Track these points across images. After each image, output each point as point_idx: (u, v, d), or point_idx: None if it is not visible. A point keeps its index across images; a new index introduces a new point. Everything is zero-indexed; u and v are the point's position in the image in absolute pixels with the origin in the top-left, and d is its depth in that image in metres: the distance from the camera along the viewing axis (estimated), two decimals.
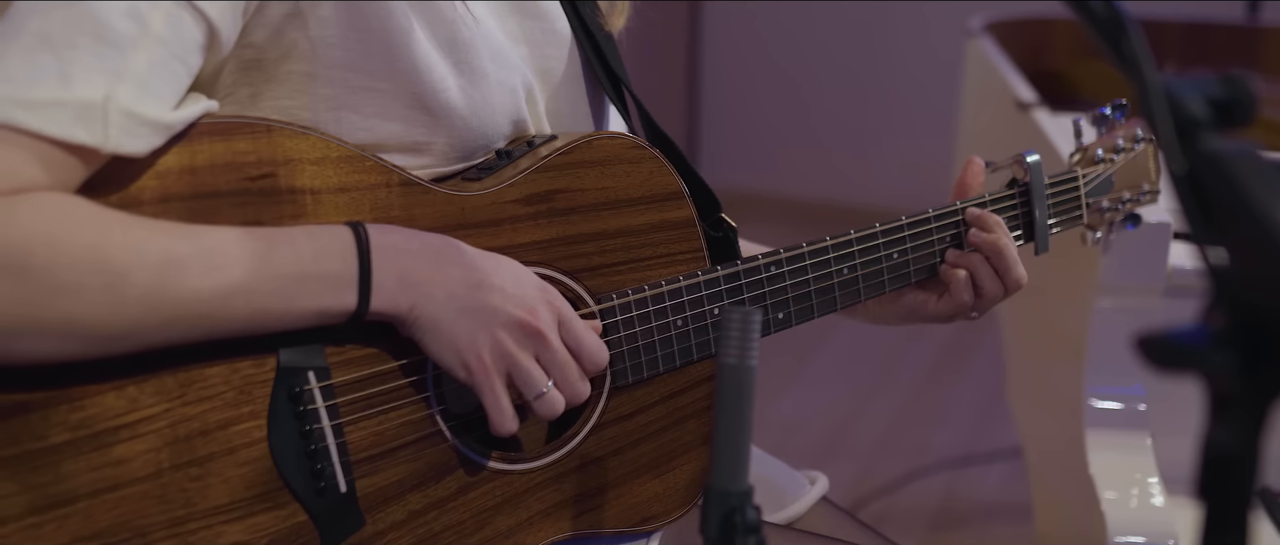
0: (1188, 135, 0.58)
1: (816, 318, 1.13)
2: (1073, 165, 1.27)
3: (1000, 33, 3.03)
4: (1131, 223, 1.30)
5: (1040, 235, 1.21)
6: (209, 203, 0.85)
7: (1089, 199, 1.25)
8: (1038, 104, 2.29)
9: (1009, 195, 1.20)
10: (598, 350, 0.97)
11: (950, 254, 1.17)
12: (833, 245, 1.12)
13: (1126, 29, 0.63)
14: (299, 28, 0.90)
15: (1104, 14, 0.64)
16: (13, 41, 0.78)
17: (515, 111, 1.02)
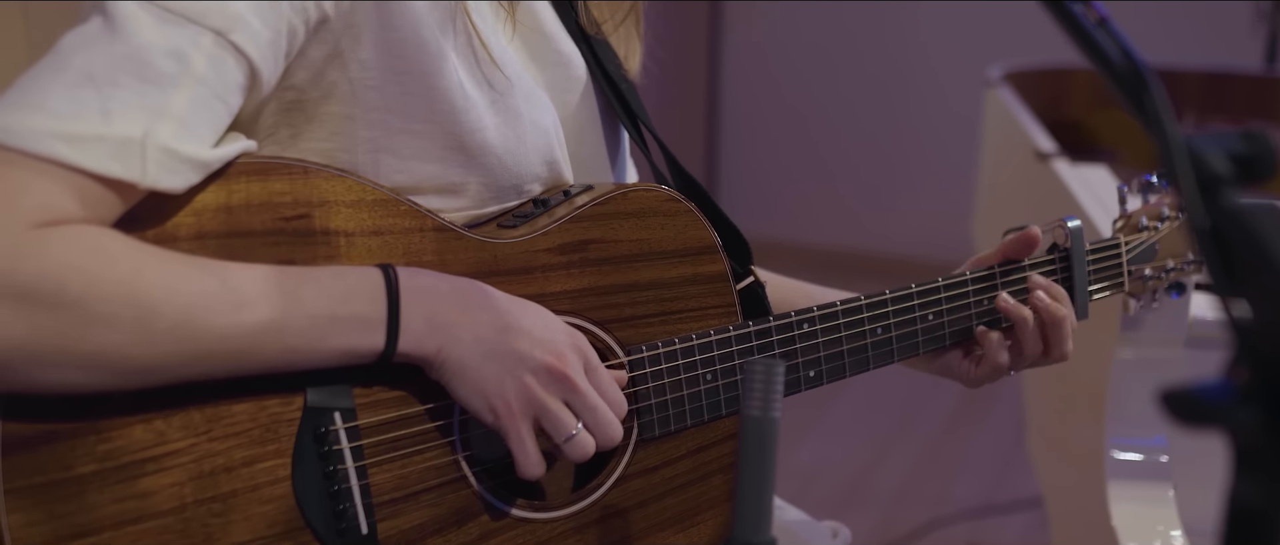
0: (1210, 191, 0.58)
1: (848, 376, 1.12)
2: (1116, 231, 1.27)
3: (1019, 82, 3.04)
4: (1176, 291, 1.30)
5: (1080, 302, 1.21)
6: (243, 241, 0.86)
7: (1131, 267, 1.25)
8: (1057, 154, 2.30)
9: (1049, 260, 1.20)
10: (619, 403, 0.97)
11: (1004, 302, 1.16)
12: (867, 304, 1.12)
13: (1148, 85, 0.63)
14: (339, 69, 0.91)
15: (1125, 70, 0.65)
16: (57, 76, 0.79)
17: (548, 151, 1.03)
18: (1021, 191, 2.62)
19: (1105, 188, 2.02)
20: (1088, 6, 0.71)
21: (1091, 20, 0.70)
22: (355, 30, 0.91)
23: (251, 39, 0.84)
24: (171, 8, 0.82)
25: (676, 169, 1.13)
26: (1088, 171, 2.15)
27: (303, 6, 0.87)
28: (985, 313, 1.17)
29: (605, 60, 1.11)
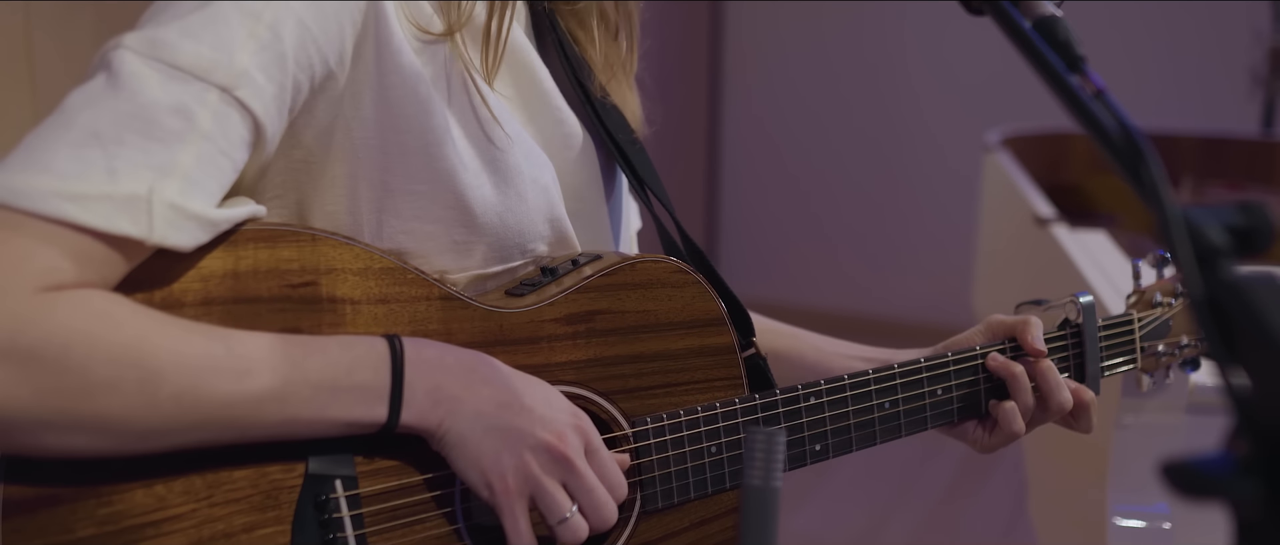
0: (1208, 263, 0.59)
1: (855, 450, 1.11)
2: (1129, 307, 1.27)
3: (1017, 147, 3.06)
4: (1190, 367, 1.30)
5: (1091, 379, 1.20)
6: (249, 307, 0.87)
7: (1144, 343, 1.25)
8: (1056, 219, 2.31)
9: (1061, 336, 1.20)
10: (619, 486, 0.97)
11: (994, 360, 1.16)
12: (875, 378, 1.11)
13: (1145, 157, 0.64)
14: (343, 128, 0.92)
15: (1122, 142, 0.66)
16: (63, 136, 0.80)
17: (550, 209, 1.03)
18: (1021, 256, 2.63)
19: (1105, 254, 2.03)
20: (1084, 79, 0.72)
21: (1088, 92, 0.71)
22: (357, 87, 0.92)
23: (256, 95, 0.85)
24: (177, 64, 0.82)
25: (683, 237, 1.13)
26: (1087, 237, 2.16)
27: (308, 62, 0.88)
28: (995, 388, 1.17)
29: (610, 122, 1.11)
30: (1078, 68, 0.73)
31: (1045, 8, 0.77)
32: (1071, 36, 0.74)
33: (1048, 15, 0.76)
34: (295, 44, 0.86)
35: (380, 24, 0.91)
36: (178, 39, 0.83)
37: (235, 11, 0.85)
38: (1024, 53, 0.74)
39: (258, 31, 0.85)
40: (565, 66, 1.10)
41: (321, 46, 0.88)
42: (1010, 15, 0.76)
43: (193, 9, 0.84)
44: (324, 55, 0.89)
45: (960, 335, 1.20)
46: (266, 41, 0.85)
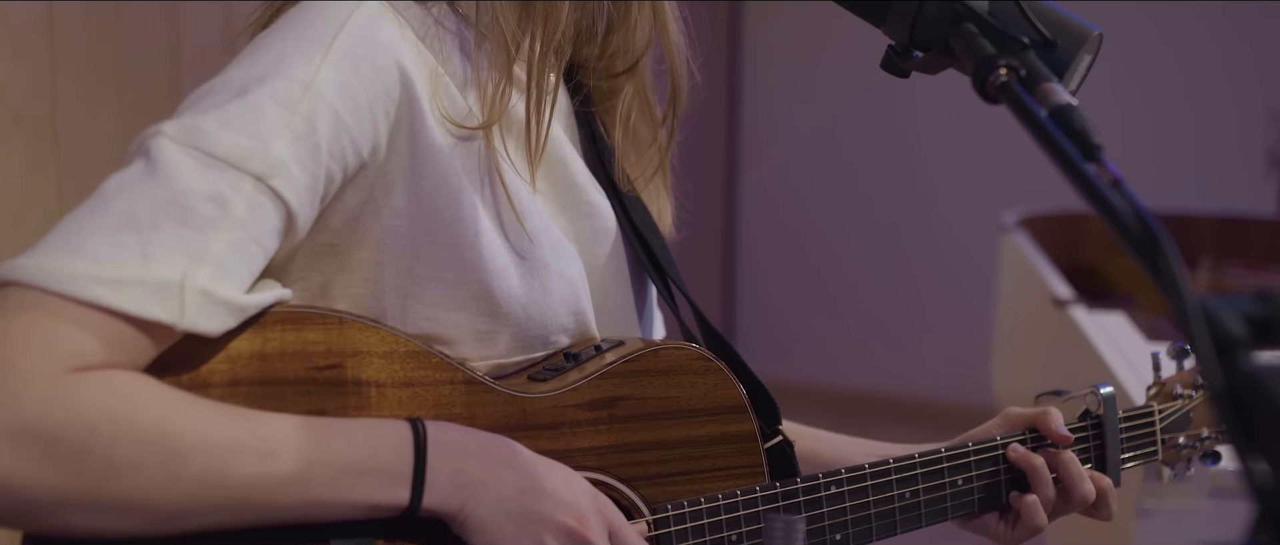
0: (1227, 353, 0.59)
1: (875, 541, 1.11)
2: (1150, 399, 1.27)
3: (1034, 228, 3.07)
4: (1211, 459, 1.29)
5: (1112, 470, 1.20)
6: (275, 389, 0.88)
7: (1165, 435, 1.25)
8: (1074, 301, 2.31)
9: (1082, 428, 1.20)
10: None
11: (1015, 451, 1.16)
12: (896, 467, 1.11)
13: (1162, 246, 0.65)
14: (372, 215, 0.94)
15: (1139, 231, 0.66)
16: (99, 220, 0.81)
17: (574, 302, 1.04)
18: (1039, 337, 2.62)
19: (1124, 336, 2.03)
20: (1100, 167, 0.72)
21: (1105, 181, 0.71)
22: (388, 177, 0.93)
23: (290, 184, 0.86)
24: (214, 153, 0.84)
25: (705, 326, 1.14)
26: (1106, 319, 2.16)
27: (341, 153, 0.89)
28: (1015, 479, 1.17)
29: (635, 215, 1.13)
30: (1093, 156, 0.73)
31: (1061, 96, 0.77)
32: (1087, 125, 0.74)
33: (1063, 104, 0.76)
34: (329, 135, 0.88)
35: (414, 115, 0.93)
36: (216, 128, 0.85)
37: (272, 102, 0.86)
38: (1040, 141, 0.74)
39: (293, 122, 0.86)
40: (596, 157, 1.11)
41: (355, 137, 0.90)
42: (1026, 104, 0.77)
43: (231, 99, 0.86)
44: (357, 146, 0.90)
45: (979, 428, 1.20)
46: (302, 132, 0.87)
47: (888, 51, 0.92)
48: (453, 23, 0.99)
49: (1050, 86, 0.78)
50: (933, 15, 0.87)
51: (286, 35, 0.90)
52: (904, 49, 0.91)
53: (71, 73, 2.02)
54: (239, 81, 0.87)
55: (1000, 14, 0.86)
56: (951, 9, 0.86)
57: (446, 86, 0.96)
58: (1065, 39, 0.87)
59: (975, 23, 0.84)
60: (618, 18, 1.11)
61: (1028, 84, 0.79)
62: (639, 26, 1.12)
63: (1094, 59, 0.90)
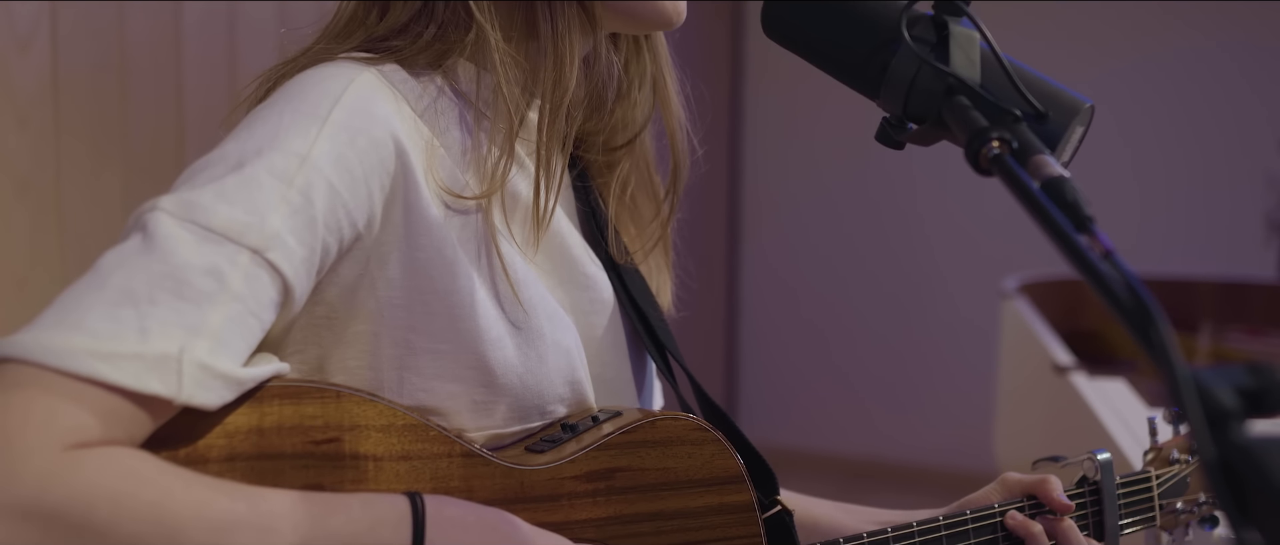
0: (1219, 426, 0.59)
1: None
2: (1147, 465, 1.27)
3: (1034, 293, 3.08)
4: (1209, 524, 1.29)
5: (1110, 537, 1.20)
6: (273, 464, 0.87)
7: (1163, 500, 1.25)
8: (1075, 367, 2.31)
9: (1079, 494, 1.20)
10: None
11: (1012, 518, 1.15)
12: (893, 536, 1.11)
13: (1154, 319, 0.65)
14: (368, 288, 0.94)
15: (1131, 304, 0.67)
16: (97, 295, 0.81)
17: (571, 372, 1.04)
18: (1040, 403, 2.62)
19: (1124, 403, 2.03)
20: (1093, 239, 0.73)
21: (1097, 253, 0.72)
22: (384, 250, 0.94)
23: (287, 257, 0.86)
24: (211, 227, 0.84)
25: (703, 398, 1.14)
26: (1106, 385, 2.16)
27: (337, 225, 0.90)
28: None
29: (633, 287, 1.13)
30: (1086, 228, 0.73)
31: (1053, 168, 0.77)
32: (1079, 196, 0.74)
33: (1055, 175, 0.76)
34: (325, 208, 0.89)
35: (409, 188, 0.94)
36: (213, 202, 0.85)
37: (268, 176, 0.87)
38: (1032, 214, 0.75)
39: (290, 196, 0.87)
40: (593, 229, 1.12)
41: (351, 210, 0.91)
42: (1018, 177, 0.77)
43: (228, 172, 0.87)
44: (353, 218, 0.91)
45: (976, 493, 1.20)
46: (298, 205, 0.87)
47: (882, 124, 0.93)
48: (449, 96, 1.00)
49: (1042, 158, 0.78)
50: (926, 88, 0.87)
51: (283, 108, 0.91)
52: (898, 121, 0.92)
53: (76, 140, 2.03)
54: (236, 155, 0.88)
55: (992, 86, 0.86)
56: (944, 82, 0.86)
57: (442, 159, 0.97)
58: (1057, 111, 0.87)
59: (968, 95, 0.85)
60: (618, 92, 1.12)
61: (1020, 156, 0.79)
62: (640, 101, 1.13)
63: (1086, 131, 0.91)
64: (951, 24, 0.89)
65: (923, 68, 0.87)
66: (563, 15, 0.99)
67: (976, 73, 0.87)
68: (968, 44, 0.88)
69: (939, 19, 0.89)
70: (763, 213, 4.94)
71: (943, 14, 0.89)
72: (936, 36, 0.89)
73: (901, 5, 0.90)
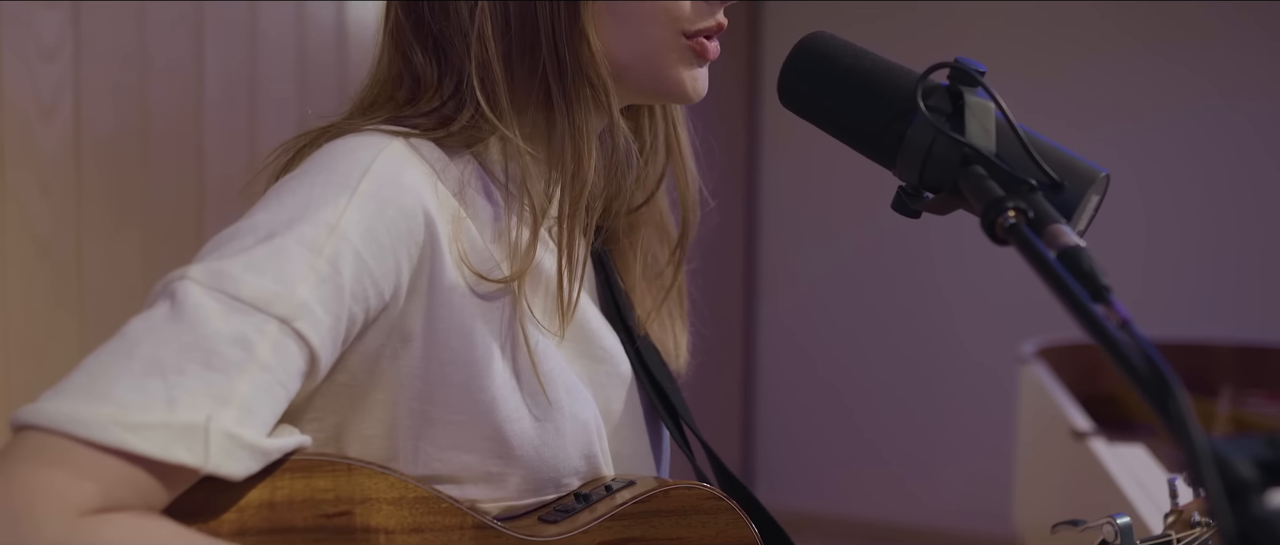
0: (1238, 498, 0.59)
1: None
2: (1167, 527, 1.26)
3: (1052, 358, 3.06)
4: None
5: None
6: (284, 538, 0.87)
7: None
8: (1094, 433, 2.30)
9: None
10: None
11: None
12: None
13: (1172, 389, 0.65)
14: (390, 358, 0.94)
15: (1149, 375, 0.66)
16: (126, 366, 0.81)
17: (587, 446, 1.04)
18: (1059, 469, 2.60)
19: (1144, 469, 2.01)
20: (1109, 309, 0.73)
21: (1114, 323, 0.72)
22: (408, 320, 0.94)
23: (314, 327, 0.87)
24: (240, 297, 0.85)
25: (719, 467, 1.14)
26: (1125, 451, 2.14)
27: (363, 295, 0.90)
28: None
29: (649, 359, 1.13)
30: (1102, 297, 0.73)
31: (1069, 237, 0.77)
32: (1095, 266, 0.74)
33: (1071, 245, 0.75)
34: (353, 277, 0.89)
35: (435, 259, 0.94)
36: (242, 272, 0.86)
37: (298, 245, 0.88)
38: (1049, 283, 0.74)
39: (318, 265, 0.88)
40: (611, 302, 1.12)
41: (377, 281, 0.91)
42: (1034, 246, 0.77)
43: (258, 242, 0.87)
44: (379, 289, 0.91)
45: None
46: (326, 275, 0.88)
47: (898, 192, 0.93)
48: (478, 176, 1.00)
49: (1058, 228, 0.78)
50: (941, 157, 0.88)
51: (313, 178, 0.92)
52: (915, 190, 0.92)
53: (97, 204, 2.05)
54: (265, 225, 0.89)
55: (1008, 156, 0.87)
56: (960, 152, 0.87)
57: (469, 231, 0.97)
58: (1072, 180, 0.87)
59: (983, 165, 0.85)
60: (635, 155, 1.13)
61: (1036, 226, 0.79)
62: (653, 161, 1.14)
63: (1102, 199, 0.91)
64: (967, 94, 0.89)
65: (938, 137, 0.88)
66: (578, 105, 1.00)
67: (992, 142, 0.87)
68: (983, 114, 0.88)
69: (954, 89, 0.90)
70: (779, 276, 4.94)
71: (958, 84, 0.90)
72: (952, 106, 0.89)
73: (917, 76, 0.91)
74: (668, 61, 1.02)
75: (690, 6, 1.01)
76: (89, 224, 2.04)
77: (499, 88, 0.99)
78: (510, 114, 0.99)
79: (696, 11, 1.02)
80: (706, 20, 1.02)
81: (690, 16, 1.01)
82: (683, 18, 1.01)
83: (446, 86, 1.00)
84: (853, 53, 0.95)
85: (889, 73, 0.93)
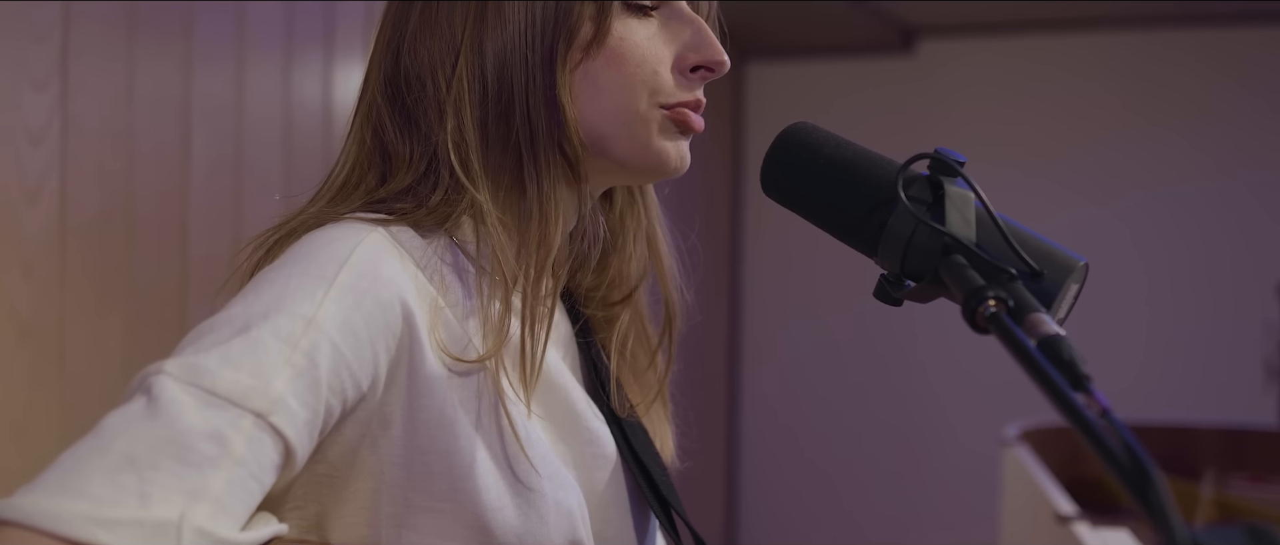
0: None
1: None
2: None
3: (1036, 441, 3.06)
4: None
5: None
6: None
7: None
8: (1078, 517, 2.29)
9: None
10: None
11: None
12: None
13: (1151, 478, 0.65)
14: (370, 448, 0.94)
15: (1129, 464, 0.67)
16: (101, 461, 0.81)
17: (572, 532, 1.04)
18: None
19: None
20: (1089, 398, 0.73)
21: (1094, 412, 0.72)
22: (387, 410, 0.94)
23: (290, 421, 0.87)
24: (216, 391, 0.84)
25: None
26: (1109, 535, 2.14)
27: (340, 387, 0.90)
28: None
29: (635, 441, 1.13)
30: (1082, 386, 0.74)
31: (1049, 326, 0.77)
32: (1075, 355, 0.75)
33: (1051, 334, 0.76)
34: (330, 370, 0.89)
35: (414, 349, 0.94)
36: (218, 366, 0.86)
37: (274, 339, 0.88)
38: (1029, 372, 0.75)
39: (294, 358, 0.88)
40: (596, 383, 1.12)
41: (355, 372, 0.91)
42: (1015, 335, 0.78)
43: (234, 335, 0.87)
44: (357, 380, 0.91)
45: None
46: (302, 368, 0.88)
47: (880, 281, 0.94)
48: (453, 255, 1.01)
49: (1038, 317, 0.79)
50: (922, 247, 0.89)
51: (290, 270, 0.92)
52: (896, 279, 0.93)
53: (80, 287, 2.05)
54: (242, 318, 0.89)
55: (988, 245, 0.88)
56: (940, 241, 0.88)
57: (446, 318, 0.98)
58: (1052, 269, 0.88)
59: (964, 254, 0.86)
60: (613, 247, 1.13)
61: (1016, 315, 0.80)
62: (634, 256, 1.14)
63: (1081, 288, 0.92)
64: (947, 184, 0.90)
65: (919, 227, 0.89)
66: (548, 173, 1.00)
67: (972, 231, 0.88)
68: (963, 204, 0.89)
69: (934, 179, 0.91)
70: (763, 357, 4.94)
71: (938, 174, 0.91)
72: (932, 196, 0.90)
73: (898, 166, 0.92)
74: (650, 133, 1.03)
75: (670, 80, 1.02)
76: (72, 306, 2.04)
77: (472, 153, 0.99)
78: (483, 180, 1.00)
79: (677, 85, 1.03)
80: (686, 94, 1.03)
81: (670, 90, 1.02)
82: (663, 90, 1.02)
83: (419, 162, 1.01)
84: (834, 143, 0.96)
85: (870, 163, 0.94)
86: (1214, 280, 4.37)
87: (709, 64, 1.03)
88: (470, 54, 1.00)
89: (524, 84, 0.99)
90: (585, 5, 1.00)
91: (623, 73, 1.01)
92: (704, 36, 1.03)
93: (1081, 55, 4.54)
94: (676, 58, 1.03)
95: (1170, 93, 4.44)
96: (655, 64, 1.02)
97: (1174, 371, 4.37)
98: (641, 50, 1.02)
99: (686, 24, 1.04)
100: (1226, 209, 4.35)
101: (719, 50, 1.03)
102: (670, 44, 1.03)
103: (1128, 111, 4.48)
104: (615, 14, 1.01)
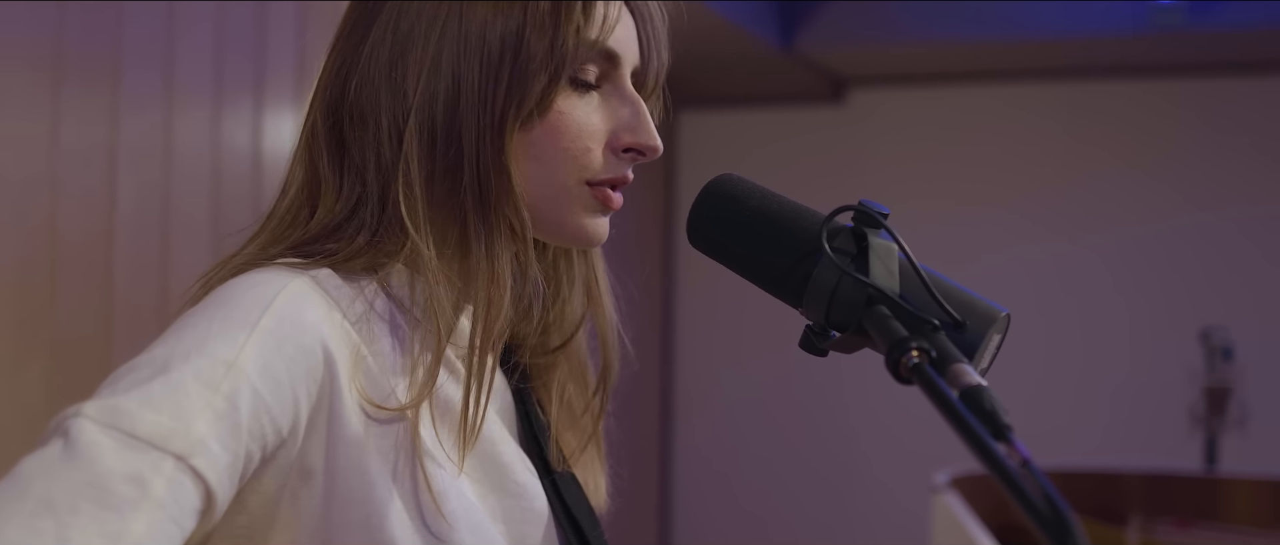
0: None
1: None
2: None
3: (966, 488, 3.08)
4: None
5: None
6: None
7: None
8: None
9: None
10: None
11: None
12: None
13: (1072, 531, 0.66)
14: (289, 499, 0.93)
15: (1049, 514, 0.68)
16: (18, 506, 0.80)
17: None
18: None
19: None
20: (1011, 448, 0.74)
21: (1015, 462, 0.73)
22: (306, 459, 0.93)
23: (211, 464, 0.85)
24: (135, 434, 0.83)
25: None
26: None
27: (261, 432, 0.89)
28: None
29: (568, 496, 1.12)
30: (1003, 436, 0.74)
31: (970, 377, 0.78)
32: (997, 405, 0.76)
33: (973, 384, 0.77)
34: (250, 414, 0.88)
35: (334, 396, 0.94)
36: (137, 408, 0.84)
37: (195, 382, 0.87)
38: (951, 422, 0.76)
39: (215, 402, 0.87)
40: (530, 436, 1.11)
41: (275, 417, 0.90)
42: (937, 386, 0.78)
43: (154, 376, 0.86)
44: (278, 425, 0.90)
45: None
46: (223, 412, 0.87)
47: (806, 331, 0.95)
48: (384, 303, 1.00)
49: (960, 367, 0.80)
50: (846, 298, 0.89)
51: (212, 314, 0.91)
52: (821, 329, 0.93)
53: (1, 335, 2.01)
54: (162, 359, 0.88)
55: (911, 296, 0.89)
56: (864, 292, 0.88)
57: (368, 366, 0.97)
58: (974, 320, 0.89)
59: (887, 305, 0.87)
60: (551, 295, 1.13)
61: (939, 365, 0.81)
62: (572, 302, 1.14)
63: (1003, 339, 0.93)
64: (871, 235, 0.91)
65: (843, 278, 0.89)
66: (495, 234, 1.00)
67: (896, 283, 0.89)
68: (887, 255, 0.90)
69: (858, 231, 0.92)
70: (695, 406, 4.95)
71: (862, 226, 0.92)
72: (857, 248, 0.91)
73: (822, 218, 0.93)
74: (571, 208, 1.03)
75: (600, 158, 1.03)
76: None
77: (418, 204, 0.99)
78: (427, 232, 0.99)
79: (606, 164, 1.03)
80: (613, 172, 1.04)
81: (598, 167, 1.03)
82: (591, 167, 1.02)
83: (348, 199, 1.00)
84: (759, 195, 0.97)
85: (795, 214, 0.95)
86: (1138, 326, 4.44)
87: (640, 148, 1.04)
88: (423, 105, 0.99)
89: (474, 141, 0.99)
90: (540, 75, 1.00)
91: (557, 146, 1.01)
92: (640, 119, 1.04)
93: (1007, 104, 4.63)
94: (610, 136, 1.03)
95: (1095, 140, 4.53)
96: (588, 141, 1.02)
97: (1100, 416, 4.43)
98: (578, 125, 1.02)
99: (627, 104, 1.04)
100: (1151, 255, 4.43)
101: (653, 135, 1.04)
102: (607, 121, 1.03)
103: (1053, 159, 4.56)
104: (561, 87, 1.01)
